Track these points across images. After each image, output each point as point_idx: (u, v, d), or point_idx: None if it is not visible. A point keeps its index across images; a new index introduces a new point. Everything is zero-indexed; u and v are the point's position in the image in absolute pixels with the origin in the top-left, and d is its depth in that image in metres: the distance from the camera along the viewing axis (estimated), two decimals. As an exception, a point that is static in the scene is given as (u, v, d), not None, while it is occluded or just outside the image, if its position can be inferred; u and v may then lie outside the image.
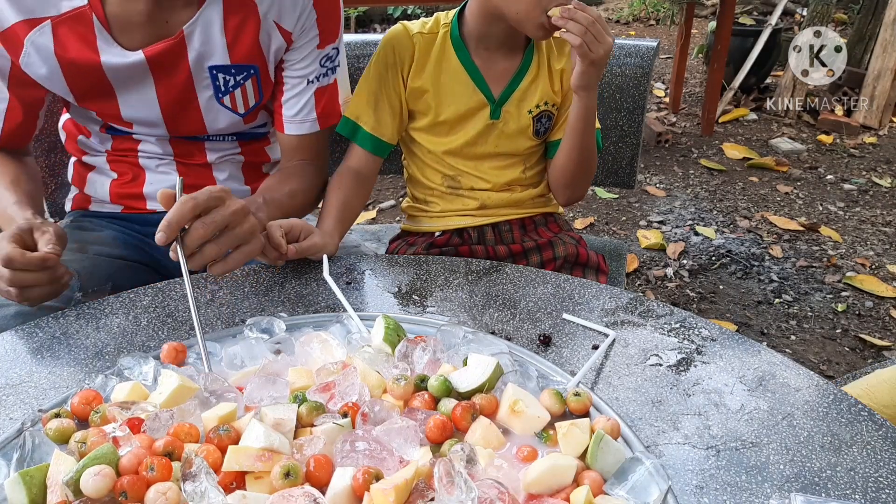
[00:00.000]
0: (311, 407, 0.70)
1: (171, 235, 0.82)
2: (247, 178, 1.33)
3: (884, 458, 0.69)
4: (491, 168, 1.39)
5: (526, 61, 1.33)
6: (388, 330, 0.82)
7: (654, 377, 0.81)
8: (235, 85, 1.16)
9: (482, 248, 1.39)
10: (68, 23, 1.05)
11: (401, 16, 5.94)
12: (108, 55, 1.08)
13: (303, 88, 1.20)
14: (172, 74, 1.12)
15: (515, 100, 1.33)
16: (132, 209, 1.30)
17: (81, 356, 0.85)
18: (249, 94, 1.18)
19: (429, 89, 1.32)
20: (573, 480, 0.64)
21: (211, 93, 1.15)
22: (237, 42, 1.12)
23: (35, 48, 1.06)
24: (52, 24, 1.05)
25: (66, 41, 1.06)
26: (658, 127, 3.82)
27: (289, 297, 0.97)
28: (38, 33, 1.05)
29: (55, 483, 0.61)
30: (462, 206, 1.41)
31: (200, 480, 0.60)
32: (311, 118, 1.23)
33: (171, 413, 0.69)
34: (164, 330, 0.90)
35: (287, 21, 1.13)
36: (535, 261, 1.39)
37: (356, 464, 0.64)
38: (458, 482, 0.59)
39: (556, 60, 1.35)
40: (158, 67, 1.11)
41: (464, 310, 0.94)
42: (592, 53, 1.16)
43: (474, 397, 0.74)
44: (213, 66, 1.13)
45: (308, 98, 1.21)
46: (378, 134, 1.31)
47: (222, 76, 1.14)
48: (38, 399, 0.78)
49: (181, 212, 0.82)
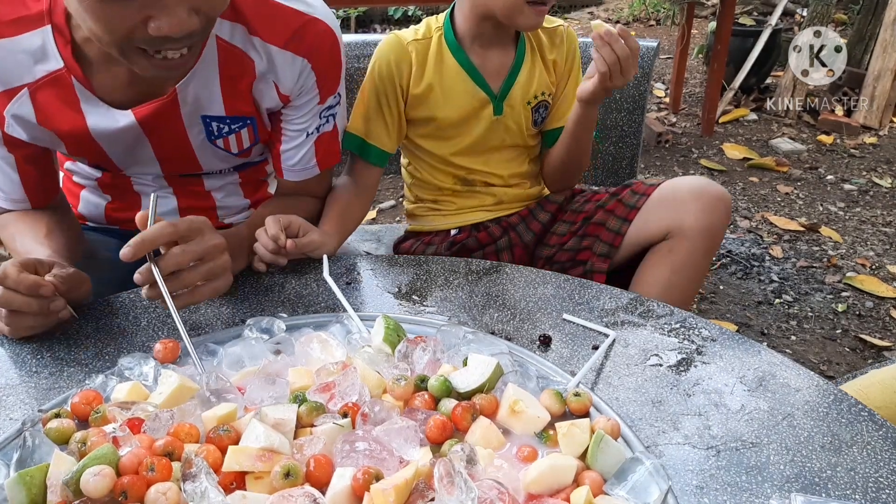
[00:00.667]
0: (311, 407, 0.70)
1: (138, 252, 0.80)
2: (246, 193, 1.31)
3: (884, 458, 0.69)
4: (500, 162, 1.40)
5: (520, 54, 1.34)
6: (388, 330, 0.82)
7: (654, 377, 0.81)
8: (230, 132, 1.10)
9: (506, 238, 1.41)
10: (46, 88, 0.98)
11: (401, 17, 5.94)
12: (94, 117, 1.02)
13: (302, 140, 1.14)
14: (164, 128, 1.06)
15: (515, 93, 1.34)
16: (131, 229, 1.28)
17: (82, 356, 0.85)
18: (244, 139, 1.13)
19: (431, 94, 1.32)
20: (573, 480, 0.64)
21: (203, 136, 1.10)
22: (232, 96, 1.06)
23: (16, 120, 1.00)
24: (29, 91, 0.98)
25: (48, 108, 1.00)
26: (658, 127, 3.82)
27: (289, 297, 0.97)
28: (17, 104, 0.99)
29: (55, 483, 0.61)
30: (479, 203, 1.43)
31: (200, 480, 0.60)
32: (311, 165, 1.17)
33: (171, 413, 0.69)
34: (165, 330, 0.90)
35: (284, 85, 1.07)
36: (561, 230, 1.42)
37: (356, 464, 0.64)
38: (458, 482, 0.59)
39: (549, 51, 1.37)
40: (150, 126, 1.05)
41: (464, 310, 0.94)
42: (611, 83, 1.17)
43: (474, 397, 0.74)
44: (206, 115, 1.07)
45: (308, 148, 1.15)
46: (378, 144, 1.32)
47: (216, 124, 1.08)
48: (38, 399, 0.78)
49: (158, 233, 0.81)
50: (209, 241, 0.86)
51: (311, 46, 1.04)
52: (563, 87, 1.40)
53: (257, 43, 1.02)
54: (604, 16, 6.61)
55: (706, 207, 1.25)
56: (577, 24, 6.34)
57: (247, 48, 1.02)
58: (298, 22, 1.02)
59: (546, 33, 1.38)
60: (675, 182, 1.31)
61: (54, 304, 0.84)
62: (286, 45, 1.02)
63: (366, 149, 1.32)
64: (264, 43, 1.02)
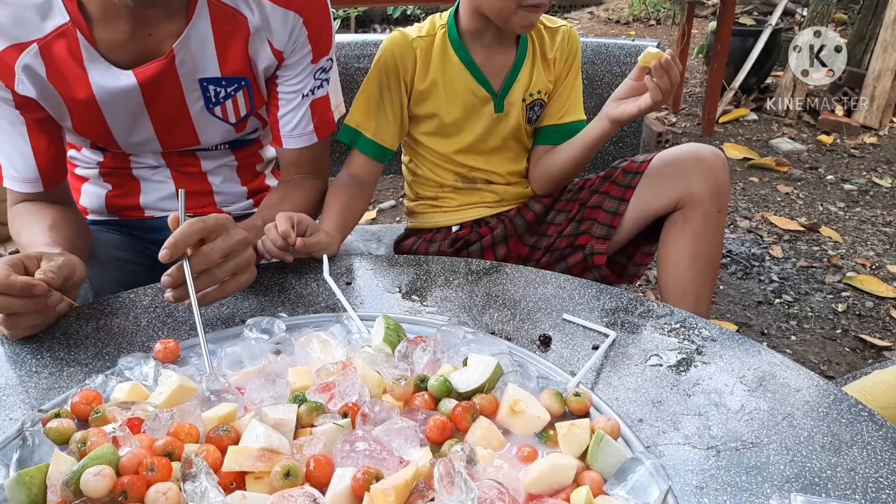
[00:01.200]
0: (311, 407, 0.70)
1: (175, 254, 0.81)
2: (243, 180, 1.33)
3: (884, 458, 0.69)
4: (500, 160, 1.41)
5: (521, 53, 1.35)
6: (388, 330, 0.82)
7: (654, 377, 0.81)
8: (226, 96, 1.14)
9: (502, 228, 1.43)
10: (55, 43, 1.01)
11: (400, 16, 5.94)
12: (96, 74, 1.05)
13: (298, 103, 1.18)
14: (164, 92, 1.09)
15: (515, 91, 1.35)
16: (130, 218, 1.29)
17: (81, 356, 0.85)
18: (241, 104, 1.16)
19: (434, 90, 1.33)
20: (573, 481, 0.64)
21: (202, 104, 1.13)
22: (227, 54, 1.09)
23: (27, 74, 1.03)
24: (38, 47, 1.01)
25: (57, 63, 1.03)
26: (658, 127, 3.82)
27: (289, 297, 0.97)
28: (28, 56, 1.01)
29: (55, 483, 0.61)
30: (480, 199, 1.44)
31: (200, 480, 0.60)
32: (309, 130, 1.21)
33: (171, 413, 0.69)
34: (165, 330, 0.90)
35: (278, 41, 1.11)
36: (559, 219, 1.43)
37: (356, 464, 0.64)
38: (458, 482, 0.59)
39: (549, 50, 1.37)
40: (150, 88, 1.08)
41: (464, 310, 0.94)
42: (654, 106, 1.19)
43: (474, 397, 0.74)
44: (203, 78, 1.11)
45: (304, 111, 1.19)
46: (379, 140, 1.32)
47: (213, 88, 1.12)
48: (38, 399, 0.78)
49: (188, 233, 0.82)
50: (234, 236, 0.87)
51: (302, 2, 1.09)
52: (560, 86, 1.41)
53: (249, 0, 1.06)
54: (604, 15, 6.61)
55: (709, 170, 1.28)
56: (577, 23, 6.34)
57: (237, 4, 1.07)
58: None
59: (549, 32, 1.39)
60: (668, 154, 1.33)
61: (51, 299, 0.83)
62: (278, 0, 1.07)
63: (365, 143, 1.32)
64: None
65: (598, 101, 1.55)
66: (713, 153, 1.30)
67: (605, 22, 6.48)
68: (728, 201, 1.32)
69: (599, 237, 1.36)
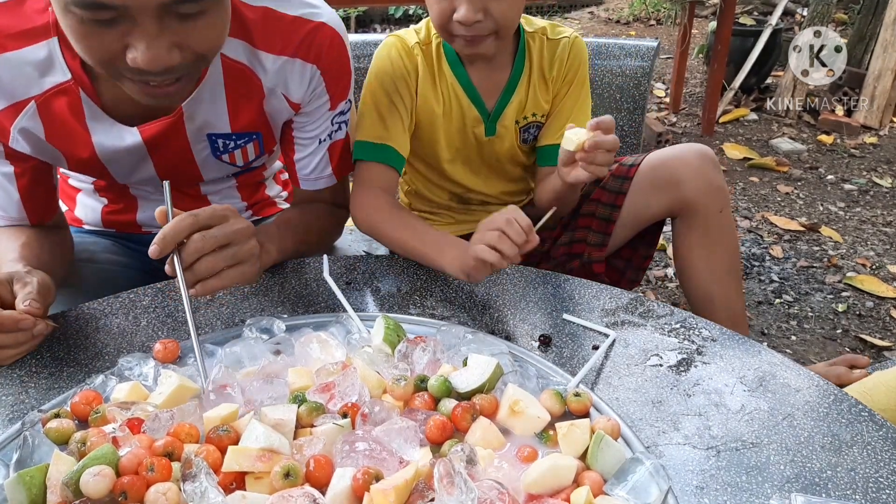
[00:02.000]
0: (311, 407, 0.70)
1: (165, 249, 0.78)
2: (243, 196, 1.29)
3: (884, 458, 0.69)
4: (496, 181, 1.35)
5: (517, 70, 1.23)
6: (388, 330, 0.82)
7: (654, 377, 0.81)
8: (235, 147, 1.09)
9: None
10: (54, 100, 0.95)
11: (402, 16, 5.94)
12: (100, 134, 0.99)
13: (315, 148, 1.12)
14: (169, 146, 1.04)
15: (508, 114, 1.25)
16: (126, 232, 1.26)
17: (81, 356, 0.85)
18: (250, 152, 1.11)
19: (431, 100, 1.24)
20: (573, 481, 0.64)
21: (208, 152, 1.08)
22: (239, 112, 1.03)
23: (23, 135, 0.97)
24: (36, 104, 0.94)
25: (56, 122, 0.97)
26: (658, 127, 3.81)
27: (289, 297, 0.97)
28: (25, 118, 0.95)
29: (55, 483, 0.61)
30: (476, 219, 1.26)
31: (200, 481, 0.60)
32: (327, 174, 1.15)
33: (170, 413, 0.69)
34: (164, 330, 0.90)
35: (295, 94, 1.04)
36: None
37: (356, 464, 0.64)
38: (458, 482, 0.59)
39: (548, 66, 1.24)
40: (155, 143, 1.02)
41: (464, 310, 0.94)
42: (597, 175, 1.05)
43: (474, 398, 0.74)
44: (212, 133, 1.05)
45: (322, 156, 1.13)
46: (396, 146, 1.19)
47: (222, 141, 1.07)
48: (38, 399, 0.78)
49: (178, 227, 0.79)
50: (234, 225, 0.84)
51: (319, 52, 1.02)
52: (559, 103, 1.27)
53: (263, 57, 0.99)
54: (604, 15, 6.61)
55: (696, 172, 1.23)
56: (577, 23, 6.34)
57: (252, 64, 1.00)
58: (305, 29, 1.00)
59: (549, 46, 1.24)
60: (656, 158, 1.27)
61: (36, 329, 0.82)
62: (294, 53, 1.00)
63: (386, 151, 1.18)
64: (270, 55, 0.99)
65: (597, 100, 1.55)
66: (698, 154, 1.24)
67: (606, 22, 6.48)
68: (726, 198, 1.27)
69: (595, 244, 1.32)
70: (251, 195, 1.32)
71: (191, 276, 0.81)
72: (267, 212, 1.35)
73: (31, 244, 1.01)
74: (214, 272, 0.83)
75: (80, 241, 1.20)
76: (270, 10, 0.98)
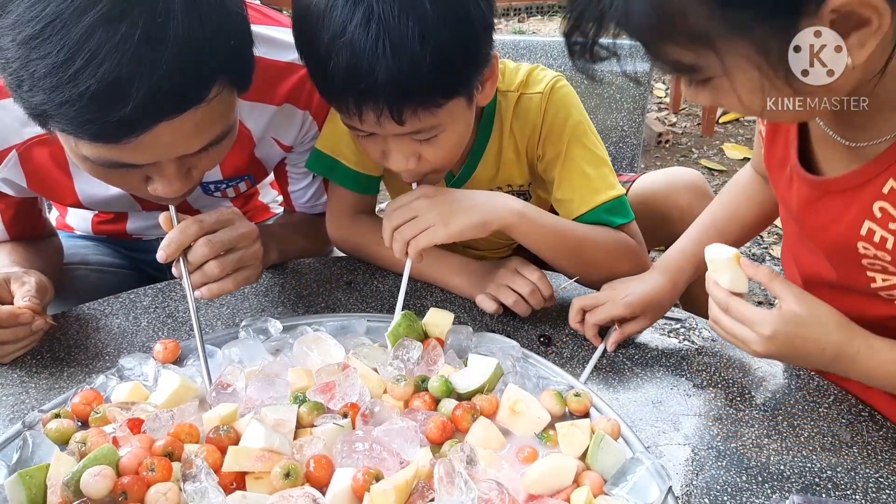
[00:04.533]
0: (312, 407, 0.70)
1: (171, 255, 0.78)
2: (235, 205, 1.25)
3: (884, 458, 0.69)
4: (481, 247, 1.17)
5: (481, 139, 1.00)
6: (396, 326, 0.82)
7: (654, 378, 0.81)
8: (227, 187, 1.07)
9: None
10: (36, 149, 0.92)
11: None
12: (83, 182, 0.97)
13: (309, 181, 1.12)
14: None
15: (478, 182, 1.03)
16: (118, 238, 1.25)
17: (82, 357, 0.85)
18: (242, 188, 1.10)
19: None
20: (573, 481, 0.64)
21: (200, 192, 1.06)
22: (230, 162, 1.00)
23: (6, 184, 0.95)
24: (17, 154, 0.92)
25: (38, 171, 0.94)
26: (658, 127, 3.82)
27: (288, 297, 0.97)
28: (6, 169, 0.93)
29: (55, 483, 0.61)
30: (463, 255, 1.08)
31: (200, 481, 0.60)
32: (322, 202, 1.14)
33: (171, 413, 0.69)
34: (165, 330, 0.90)
35: (286, 138, 1.03)
36: None
37: (356, 464, 0.64)
38: (458, 483, 0.59)
39: (520, 132, 1.00)
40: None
41: (464, 310, 0.94)
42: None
43: (475, 398, 0.74)
44: (203, 181, 0.99)
45: (317, 187, 1.12)
46: (362, 169, 1.03)
47: (213, 185, 1.06)
48: (39, 399, 0.78)
49: (184, 233, 0.79)
50: (239, 228, 0.83)
51: (311, 98, 0.99)
52: (552, 171, 0.99)
53: (253, 107, 0.96)
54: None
55: (686, 212, 1.12)
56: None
57: (242, 116, 0.95)
58: (296, 76, 0.97)
59: (520, 107, 0.99)
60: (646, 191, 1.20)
61: (35, 325, 0.83)
62: (286, 100, 0.98)
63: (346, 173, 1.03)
64: (259, 104, 0.97)
65: (597, 100, 1.55)
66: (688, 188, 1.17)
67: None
68: None
69: None
70: (244, 204, 1.31)
71: (197, 279, 0.81)
72: (260, 217, 1.34)
73: (20, 251, 1.01)
74: (220, 276, 0.82)
75: (72, 246, 1.20)
76: (262, 59, 0.89)
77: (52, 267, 1.05)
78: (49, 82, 0.63)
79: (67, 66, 0.62)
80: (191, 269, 0.80)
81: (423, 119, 0.79)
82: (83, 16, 0.61)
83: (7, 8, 0.64)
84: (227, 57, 0.71)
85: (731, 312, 0.71)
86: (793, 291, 0.69)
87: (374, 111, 0.77)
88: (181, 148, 0.73)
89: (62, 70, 0.62)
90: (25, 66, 0.63)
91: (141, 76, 0.63)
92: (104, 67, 0.62)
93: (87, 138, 0.68)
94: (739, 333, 0.71)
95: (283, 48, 0.95)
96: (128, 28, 0.62)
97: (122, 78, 0.63)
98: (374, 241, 0.99)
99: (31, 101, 0.65)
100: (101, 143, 0.69)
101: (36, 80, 0.63)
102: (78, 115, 0.65)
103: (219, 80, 0.71)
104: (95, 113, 0.65)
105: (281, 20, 0.99)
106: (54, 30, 0.61)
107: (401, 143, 0.83)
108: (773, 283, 0.69)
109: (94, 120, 0.65)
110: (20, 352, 0.85)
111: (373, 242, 1.01)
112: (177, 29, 0.64)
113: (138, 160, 0.72)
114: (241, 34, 0.75)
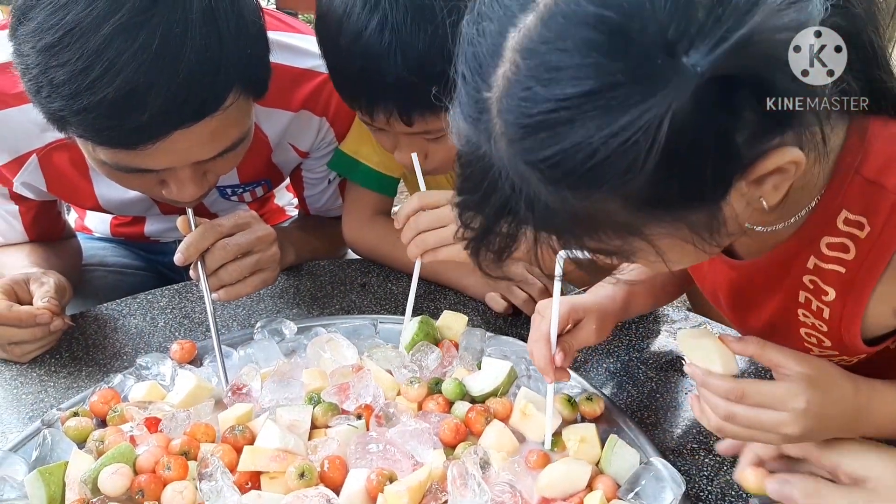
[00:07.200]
0: (326, 408, 0.71)
1: (189, 258, 0.78)
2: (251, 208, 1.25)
3: None
4: None
5: None
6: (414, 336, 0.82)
7: (668, 382, 0.81)
8: (245, 191, 1.08)
9: None
10: (55, 153, 0.92)
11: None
12: (103, 186, 0.97)
13: (325, 187, 1.12)
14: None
15: None
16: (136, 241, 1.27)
17: (100, 356, 0.86)
18: (259, 192, 1.11)
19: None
20: (587, 485, 0.64)
21: (217, 196, 1.07)
22: (246, 166, 0.99)
23: (26, 187, 0.96)
24: (38, 157, 0.92)
25: (58, 175, 0.95)
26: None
27: (303, 299, 0.98)
28: (27, 173, 0.93)
29: (74, 481, 0.62)
30: None
31: (216, 480, 0.61)
32: (338, 206, 1.14)
33: (187, 413, 0.70)
34: (181, 331, 0.90)
35: (303, 144, 1.03)
36: None
37: (370, 465, 0.64)
38: (472, 485, 0.59)
39: None
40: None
41: (477, 313, 0.94)
42: None
43: (488, 401, 0.74)
44: (221, 185, 1.04)
45: (332, 192, 1.13)
46: (384, 169, 1.06)
47: (230, 189, 1.06)
48: (57, 398, 0.79)
49: (202, 237, 0.79)
50: (257, 232, 0.83)
51: (328, 104, 0.99)
52: None
53: (270, 113, 0.96)
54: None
55: None
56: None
57: (259, 121, 0.96)
58: (314, 83, 0.97)
59: None
60: None
61: (53, 325, 0.83)
62: (302, 107, 0.98)
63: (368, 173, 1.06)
64: (277, 111, 0.97)
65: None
66: None
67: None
68: None
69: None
70: (260, 207, 1.31)
71: (214, 282, 0.81)
72: (275, 220, 1.34)
73: (40, 252, 1.02)
74: (237, 279, 0.83)
75: (91, 247, 1.21)
76: (279, 66, 0.88)
77: (71, 268, 1.06)
78: (68, 89, 0.64)
79: (86, 73, 0.63)
80: (208, 272, 0.80)
81: (431, 122, 0.82)
82: (102, 25, 0.62)
83: (28, 15, 0.65)
84: (243, 66, 0.72)
85: (748, 400, 0.58)
86: (792, 354, 0.60)
87: (385, 112, 0.81)
88: (196, 154, 0.74)
89: (81, 78, 0.63)
90: (45, 72, 0.64)
91: (158, 85, 0.64)
92: (122, 76, 0.63)
93: (103, 144, 0.70)
94: (766, 421, 0.58)
95: (299, 54, 0.95)
96: (146, 37, 0.63)
97: (139, 86, 0.64)
98: (389, 243, 1.01)
99: (50, 107, 0.67)
100: (118, 149, 0.70)
101: (55, 86, 0.64)
102: (95, 122, 0.66)
103: (235, 88, 0.72)
104: (112, 120, 0.66)
105: (297, 26, 1.00)
106: (74, 38, 0.62)
107: (410, 141, 0.86)
108: (765, 352, 0.60)
109: (111, 127, 0.66)
110: (39, 351, 0.86)
111: (388, 244, 1.02)
112: (194, 39, 0.65)
113: (154, 165, 0.73)
114: (258, 42, 0.75)
